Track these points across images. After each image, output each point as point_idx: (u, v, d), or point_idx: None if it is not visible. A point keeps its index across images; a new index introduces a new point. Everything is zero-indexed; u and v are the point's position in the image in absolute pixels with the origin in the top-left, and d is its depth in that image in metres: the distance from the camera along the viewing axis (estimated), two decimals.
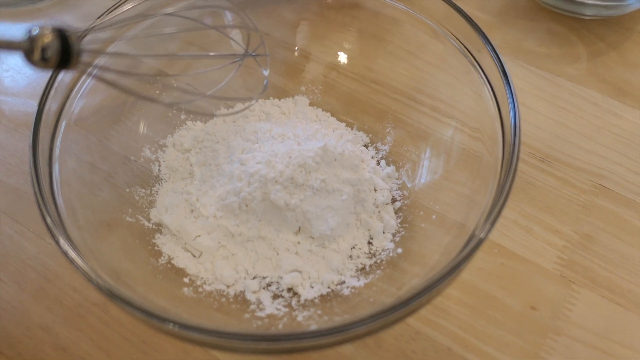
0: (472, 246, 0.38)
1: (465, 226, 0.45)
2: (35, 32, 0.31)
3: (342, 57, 0.59)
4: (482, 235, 0.38)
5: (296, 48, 0.60)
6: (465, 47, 0.49)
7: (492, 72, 0.47)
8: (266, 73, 0.45)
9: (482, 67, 0.48)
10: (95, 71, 0.44)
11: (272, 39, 0.60)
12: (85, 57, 0.35)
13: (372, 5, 0.55)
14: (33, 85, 0.62)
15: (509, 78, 0.44)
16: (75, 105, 0.49)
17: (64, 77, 0.49)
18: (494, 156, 0.45)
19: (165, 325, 0.37)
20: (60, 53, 0.32)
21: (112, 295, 0.38)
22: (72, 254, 0.40)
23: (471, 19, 0.48)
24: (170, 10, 0.48)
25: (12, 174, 0.56)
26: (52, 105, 0.46)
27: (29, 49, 0.31)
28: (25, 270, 0.51)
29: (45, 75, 0.53)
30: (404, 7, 0.53)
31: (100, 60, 0.49)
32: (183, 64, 0.57)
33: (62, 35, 0.32)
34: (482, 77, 0.48)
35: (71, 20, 0.67)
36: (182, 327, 0.37)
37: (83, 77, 0.51)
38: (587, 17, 0.63)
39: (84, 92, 0.50)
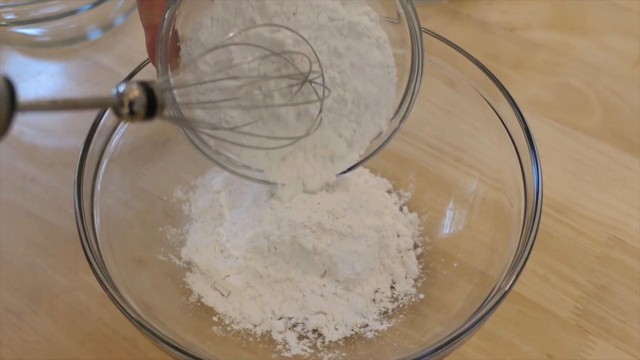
0: (497, 299, 0.40)
1: (487, 275, 0.47)
2: (122, 88, 0.33)
3: None
4: (506, 288, 0.40)
5: None
6: (484, 98, 0.51)
7: (512, 124, 0.49)
8: (319, 104, 0.45)
9: (502, 118, 0.50)
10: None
11: None
12: (168, 109, 0.37)
13: None
14: (68, 123, 0.65)
15: (532, 136, 0.46)
16: (114, 145, 0.51)
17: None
18: (515, 207, 0.47)
19: None
20: (147, 106, 0.33)
21: (146, 330, 0.40)
22: (111, 290, 0.42)
23: (490, 72, 0.50)
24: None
25: (47, 209, 0.58)
26: (96, 144, 0.49)
27: (118, 105, 0.33)
28: (58, 304, 0.52)
29: (83, 116, 0.55)
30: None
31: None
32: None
33: (148, 90, 0.33)
34: (502, 129, 0.50)
35: (104, 61, 0.70)
36: None
37: None
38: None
39: (121, 132, 0.52)
